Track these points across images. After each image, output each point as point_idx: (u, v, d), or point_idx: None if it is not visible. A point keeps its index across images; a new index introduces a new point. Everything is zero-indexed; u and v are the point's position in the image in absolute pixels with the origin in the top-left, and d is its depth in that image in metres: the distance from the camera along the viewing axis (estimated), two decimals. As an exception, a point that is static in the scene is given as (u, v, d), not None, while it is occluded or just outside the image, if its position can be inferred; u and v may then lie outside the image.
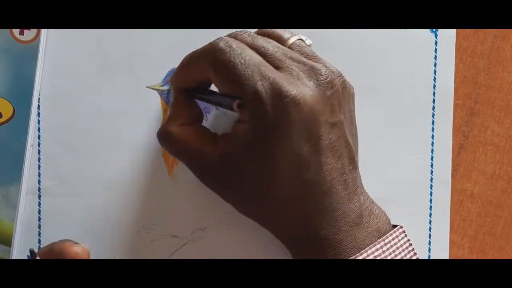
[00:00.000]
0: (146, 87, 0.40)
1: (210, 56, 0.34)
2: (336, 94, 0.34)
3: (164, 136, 0.37)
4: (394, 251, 0.35)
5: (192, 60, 0.36)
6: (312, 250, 0.34)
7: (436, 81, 0.41)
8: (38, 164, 0.39)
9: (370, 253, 0.34)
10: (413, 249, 0.35)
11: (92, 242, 0.39)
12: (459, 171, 0.42)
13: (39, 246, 0.39)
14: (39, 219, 0.39)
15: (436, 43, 0.41)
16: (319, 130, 0.33)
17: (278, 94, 0.32)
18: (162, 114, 0.40)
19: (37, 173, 0.39)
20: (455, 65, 0.41)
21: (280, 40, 0.36)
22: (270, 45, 0.35)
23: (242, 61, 0.33)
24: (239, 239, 0.40)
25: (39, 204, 0.39)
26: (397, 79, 0.41)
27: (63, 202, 0.40)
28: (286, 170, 0.33)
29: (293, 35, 0.36)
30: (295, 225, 0.35)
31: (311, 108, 0.33)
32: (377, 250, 0.34)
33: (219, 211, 0.40)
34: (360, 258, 0.33)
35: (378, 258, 0.34)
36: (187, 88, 0.37)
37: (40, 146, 0.39)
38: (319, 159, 0.33)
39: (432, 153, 0.42)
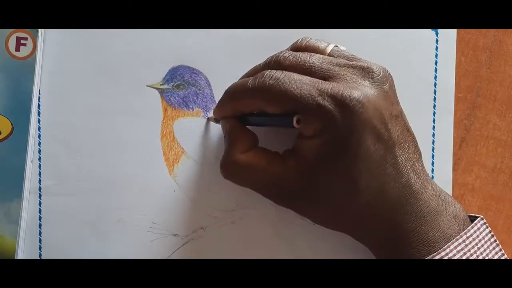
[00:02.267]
0: (147, 85, 0.39)
1: (261, 93, 0.34)
2: (391, 87, 0.35)
3: (229, 167, 0.36)
4: (477, 244, 0.35)
5: (239, 96, 0.36)
6: (400, 246, 0.35)
7: (437, 79, 0.41)
8: (39, 164, 0.39)
9: (453, 248, 0.34)
10: (495, 240, 0.36)
11: (93, 241, 0.39)
12: (460, 164, 0.42)
13: (40, 245, 0.39)
14: (40, 218, 0.39)
15: (437, 41, 0.41)
16: (387, 125, 0.33)
17: (341, 101, 0.32)
18: (162, 113, 0.40)
19: (38, 172, 0.39)
20: (457, 58, 0.41)
21: (318, 51, 0.36)
22: (314, 58, 0.35)
23: (295, 86, 0.33)
24: (241, 238, 0.40)
25: (40, 203, 0.39)
26: (399, 77, 0.40)
27: (64, 201, 0.39)
28: (366, 172, 0.33)
29: (328, 44, 0.36)
30: (379, 225, 0.35)
31: (376, 106, 0.33)
32: (459, 244, 0.34)
33: (220, 210, 0.40)
34: (448, 250, 0.34)
35: (463, 251, 0.34)
36: (232, 116, 0.37)
37: (41, 145, 0.39)
38: (393, 153, 0.34)
39: (433, 151, 0.41)
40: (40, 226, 0.39)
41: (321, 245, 0.40)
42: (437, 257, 0.34)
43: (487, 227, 0.36)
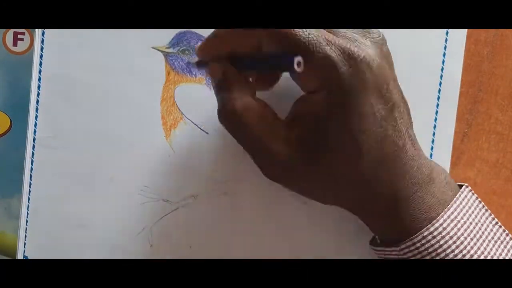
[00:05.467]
0: (152, 47, 0.40)
1: (266, 29, 0.32)
2: (388, 51, 0.34)
3: (237, 108, 0.33)
4: (467, 211, 0.34)
5: (238, 31, 0.33)
6: (399, 213, 0.34)
7: (443, 71, 0.41)
8: (36, 114, 0.39)
9: (446, 217, 0.33)
10: (483, 206, 0.35)
11: (83, 197, 0.39)
12: (462, 159, 0.41)
13: (29, 197, 0.39)
14: (31, 170, 0.39)
15: (447, 33, 0.41)
16: (389, 85, 0.33)
17: (349, 55, 0.32)
18: (165, 77, 0.40)
19: (34, 123, 0.39)
20: (459, 53, 0.42)
21: None
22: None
23: (304, 29, 0.32)
24: (230, 209, 0.39)
25: (32, 154, 0.39)
26: (406, 67, 0.40)
27: (57, 154, 0.39)
28: (369, 132, 0.32)
29: None
30: (380, 192, 0.34)
31: (379, 65, 0.32)
32: (452, 213, 0.34)
33: (213, 180, 0.40)
34: (445, 216, 0.33)
35: (457, 219, 0.34)
36: (221, 57, 0.34)
37: (39, 96, 0.39)
38: (393, 114, 0.33)
39: (433, 144, 0.41)
40: (30, 177, 0.39)
41: (312, 222, 0.40)
42: (431, 229, 0.33)
43: (473, 194, 0.35)
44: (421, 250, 0.33)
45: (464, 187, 0.35)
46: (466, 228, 0.34)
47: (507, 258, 0.34)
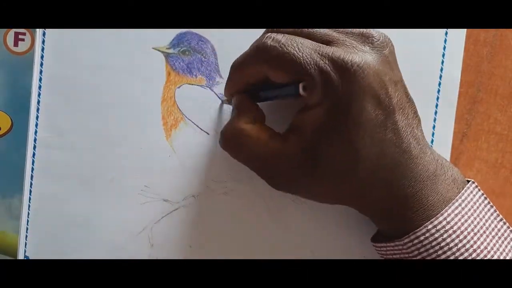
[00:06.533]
0: (152, 48, 0.40)
1: (263, 57, 0.34)
2: (391, 53, 0.35)
3: (230, 134, 0.36)
4: (472, 206, 0.35)
5: (243, 65, 0.36)
6: (401, 211, 0.34)
7: (443, 71, 0.41)
8: (36, 115, 0.39)
9: (450, 212, 0.34)
10: (489, 202, 0.36)
11: (83, 197, 0.39)
12: (462, 159, 0.41)
13: (30, 197, 0.39)
14: (32, 169, 0.39)
15: (446, 33, 0.41)
16: (388, 90, 0.33)
17: (342, 66, 0.32)
18: (165, 77, 0.40)
19: (35, 123, 0.39)
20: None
21: None
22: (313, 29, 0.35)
23: (297, 49, 0.33)
24: (231, 209, 0.39)
25: (33, 154, 0.39)
26: (405, 67, 0.40)
27: (58, 154, 0.39)
28: (367, 138, 0.33)
29: None
30: (380, 192, 0.34)
31: (376, 71, 0.33)
32: (456, 208, 0.34)
33: (213, 180, 0.40)
34: (449, 211, 0.34)
35: (461, 213, 0.34)
36: (241, 91, 0.37)
37: (40, 96, 0.39)
38: (393, 118, 0.33)
39: (432, 144, 0.41)
40: (31, 177, 0.39)
41: (312, 222, 0.40)
42: (435, 222, 0.34)
43: (479, 190, 0.36)
44: (425, 243, 0.34)
45: (470, 183, 0.36)
46: (470, 223, 0.34)
47: (510, 254, 0.35)
